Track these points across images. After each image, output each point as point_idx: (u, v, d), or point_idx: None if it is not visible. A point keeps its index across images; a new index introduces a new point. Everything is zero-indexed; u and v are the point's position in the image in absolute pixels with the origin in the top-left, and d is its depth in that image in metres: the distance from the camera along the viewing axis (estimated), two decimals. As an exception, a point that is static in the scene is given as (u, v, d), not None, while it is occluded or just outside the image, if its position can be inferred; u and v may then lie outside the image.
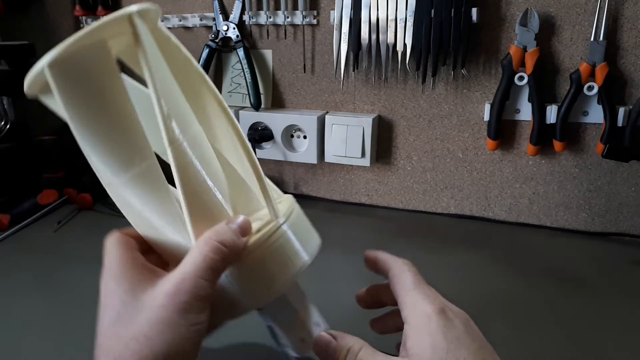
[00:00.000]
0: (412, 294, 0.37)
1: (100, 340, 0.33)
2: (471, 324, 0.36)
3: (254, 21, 0.87)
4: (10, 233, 0.77)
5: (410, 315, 0.35)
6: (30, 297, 0.61)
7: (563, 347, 0.52)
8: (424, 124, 0.83)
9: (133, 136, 0.34)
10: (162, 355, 0.31)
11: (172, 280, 0.32)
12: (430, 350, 0.33)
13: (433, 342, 0.33)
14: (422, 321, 0.34)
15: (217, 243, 0.33)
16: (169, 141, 0.33)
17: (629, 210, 0.76)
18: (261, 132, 0.89)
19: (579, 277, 0.65)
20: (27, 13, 1.06)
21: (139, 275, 0.34)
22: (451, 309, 0.36)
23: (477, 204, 0.84)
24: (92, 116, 0.33)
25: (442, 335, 0.33)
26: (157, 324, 0.31)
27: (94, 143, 0.33)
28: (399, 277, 0.39)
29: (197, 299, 0.32)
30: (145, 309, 0.32)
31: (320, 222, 0.44)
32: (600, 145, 0.73)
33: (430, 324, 0.34)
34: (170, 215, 0.35)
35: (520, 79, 0.73)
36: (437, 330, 0.33)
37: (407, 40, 0.76)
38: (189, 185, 0.34)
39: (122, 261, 0.34)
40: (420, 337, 0.34)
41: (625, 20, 0.69)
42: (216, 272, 0.33)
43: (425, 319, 0.34)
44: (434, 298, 0.36)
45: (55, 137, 1.01)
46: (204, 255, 0.33)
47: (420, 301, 0.36)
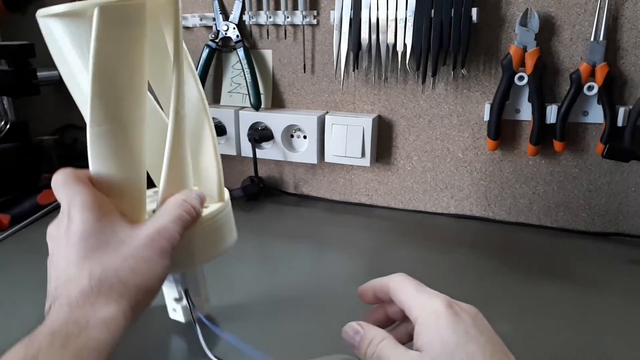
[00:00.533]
0: (417, 295, 0.38)
1: (75, 258, 0.37)
2: (480, 318, 0.36)
3: (254, 21, 0.87)
4: (10, 233, 0.77)
5: (419, 315, 0.36)
6: (31, 297, 0.61)
7: (563, 347, 0.52)
8: (424, 124, 0.83)
9: (135, 92, 0.40)
10: (143, 287, 0.37)
11: (153, 226, 0.39)
12: (440, 344, 0.33)
13: (442, 337, 0.34)
14: (431, 318, 0.35)
15: (189, 206, 0.42)
16: (174, 110, 0.42)
17: (629, 210, 0.76)
18: (261, 132, 0.89)
19: (579, 277, 0.65)
20: (27, 13, 1.06)
21: (114, 214, 0.39)
22: (458, 304, 0.36)
23: (477, 204, 0.84)
24: (109, 61, 0.38)
25: (451, 330, 0.34)
26: (141, 260, 0.37)
27: (95, 89, 0.38)
28: (400, 286, 0.39)
29: (171, 247, 0.39)
30: (125, 245, 0.37)
31: (320, 222, 0.45)
32: (600, 145, 0.73)
33: (439, 320, 0.35)
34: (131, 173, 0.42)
35: (520, 79, 0.73)
36: (445, 325, 0.34)
37: (407, 40, 0.76)
38: (175, 151, 0.42)
39: (95, 196, 0.39)
40: (430, 332, 0.35)
41: (625, 20, 0.69)
42: (184, 229, 0.41)
43: (434, 316, 0.35)
44: (439, 295, 0.37)
45: (55, 137, 1.01)
46: (179, 212, 0.41)
47: (427, 300, 0.37)
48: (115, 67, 0.38)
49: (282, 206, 0.90)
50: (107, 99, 0.39)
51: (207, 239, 0.46)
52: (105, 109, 0.39)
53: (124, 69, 0.39)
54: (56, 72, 0.45)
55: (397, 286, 0.40)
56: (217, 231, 0.47)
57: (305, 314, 0.58)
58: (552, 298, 0.60)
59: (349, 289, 0.63)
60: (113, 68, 0.38)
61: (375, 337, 0.37)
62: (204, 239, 0.46)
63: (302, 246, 0.75)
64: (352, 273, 0.67)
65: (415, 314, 0.37)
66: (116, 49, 0.38)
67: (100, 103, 0.39)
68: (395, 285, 0.40)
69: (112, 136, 0.40)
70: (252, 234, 0.79)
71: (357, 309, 0.58)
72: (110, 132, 0.40)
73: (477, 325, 0.35)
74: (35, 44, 0.89)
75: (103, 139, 0.40)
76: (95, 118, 0.39)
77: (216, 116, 0.91)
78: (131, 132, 0.41)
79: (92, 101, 0.38)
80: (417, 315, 0.36)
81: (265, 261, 0.72)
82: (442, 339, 0.34)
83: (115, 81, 0.39)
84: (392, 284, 0.40)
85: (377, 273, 0.69)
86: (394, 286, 0.40)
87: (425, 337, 0.35)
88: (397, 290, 0.39)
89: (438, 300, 0.36)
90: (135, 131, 0.41)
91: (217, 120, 0.91)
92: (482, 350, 0.33)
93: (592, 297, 0.60)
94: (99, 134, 0.40)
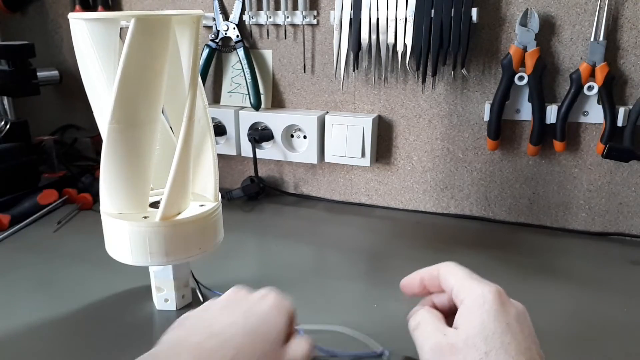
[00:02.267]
0: (468, 280, 0.38)
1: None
2: (525, 316, 0.37)
3: (254, 21, 0.87)
4: (10, 233, 0.77)
5: (466, 297, 0.37)
6: (31, 297, 0.61)
7: (563, 346, 0.52)
8: (424, 123, 0.83)
9: (154, 96, 0.45)
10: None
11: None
12: (478, 327, 0.34)
13: (483, 321, 0.34)
14: (477, 301, 0.36)
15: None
16: (188, 117, 0.47)
17: (629, 210, 0.76)
18: (261, 132, 0.89)
19: (579, 277, 0.65)
20: (27, 13, 1.06)
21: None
22: (508, 298, 0.37)
23: (477, 204, 0.84)
24: (136, 67, 0.43)
25: (493, 317, 0.34)
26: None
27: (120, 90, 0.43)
28: (451, 270, 0.40)
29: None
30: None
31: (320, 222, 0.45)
32: (600, 145, 0.73)
33: (484, 305, 0.35)
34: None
35: (520, 79, 0.73)
36: (489, 310, 0.35)
37: (407, 40, 0.76)
38: (184, 153, 0.47)
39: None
40: (472, 314, 0.35)
41: (625, 20, 0.69)
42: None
43: (481, 300, 0.35)
44: (491, 284, 0.37)
45: (55, 137, 1.01)
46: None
47: (477, 285, 0.37)
48: (141, 72, 0.44)
49: (282, 206, 0.90)
50: (129, 100, 0.44)
51: (205, 233, 0.52)
52: (126, 109, 0.44)
53: (147, 75, 0.44)
54: (56, 72, 0.48)
55: (448, 270, 0.40)
56: (213, 226, 0.54)
57: (306, 313, 0.58)
58: (552, 298, 0.60)
59: (348, 288, 0.63)
60: (138, 73, 0.43)
61: (420, 310, 0.40)
62: (202, 233, 0.52)
63: (302, 246, 0.75)
64: (352, 273, 0.67)
65: (462, 295, 0.37)
66: (144, 56, 0.43)
67: (123, 103, 0.44)
68: (447, 269, 0.40)
69: (129, 133, 0.45)
70: (252, 234, 0.79)
71: (357, 309, 0.58)
72: (128, 130, 0.45)
73: (519, 321, 0.35)
74: (35, 44, 0.89)
75: (120, 136, 0.45)
76: (116, 116, 0.44)
77: (216, 116, 0.91)
78: (146, 132, 0.46)
79: (115, 101, 0.43)
80: (463, 297, 0.37)
81: (265, 261, 0.72)
82: (482, 323, 0.34)
83: (139, 85, 0.44)
84: (443, 269, 0.41)
85: (377, 273, 0.69)
86: (445, 271, 0.40)
87: (465, 317, 0.35)
88: (448, 274, 0.40)
89: (488, 287, 0.37)
90: (149, 131, 0.46)
91: (217, 120, 0.91)
92: (518, 345, 0.33)
93: (592, 297, 0.60)
94: (117, 130, 0.45)
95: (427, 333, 0.37)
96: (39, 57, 0.90)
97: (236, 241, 0.73)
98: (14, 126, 0.90)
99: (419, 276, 0.43)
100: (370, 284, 0.64)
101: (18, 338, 0.53)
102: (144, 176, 0.49)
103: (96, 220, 0.54)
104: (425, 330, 0.38)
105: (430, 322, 0.38)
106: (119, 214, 0.50)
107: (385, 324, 0.54)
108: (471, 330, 0.34)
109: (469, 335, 0.34)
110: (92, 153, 1.02)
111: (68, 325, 0.55)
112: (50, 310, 0.58)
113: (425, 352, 0.36)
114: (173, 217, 0.50)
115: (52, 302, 0.60)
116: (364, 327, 0.54)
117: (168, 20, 0.45)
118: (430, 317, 0.39)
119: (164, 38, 0.45)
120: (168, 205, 0.49)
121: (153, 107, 0.46)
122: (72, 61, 1.03)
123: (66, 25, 1.02)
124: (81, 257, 0.70)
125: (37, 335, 0.54)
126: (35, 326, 0.55)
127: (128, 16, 0.42)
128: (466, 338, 0.34)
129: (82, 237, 0.76)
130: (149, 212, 0.51)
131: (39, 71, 0.92)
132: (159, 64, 0.45)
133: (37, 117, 1.03)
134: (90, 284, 0.63)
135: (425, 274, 0.42)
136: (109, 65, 0.46)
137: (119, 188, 0.49)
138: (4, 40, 1.06)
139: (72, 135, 1.05)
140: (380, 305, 0.58)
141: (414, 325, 0.39)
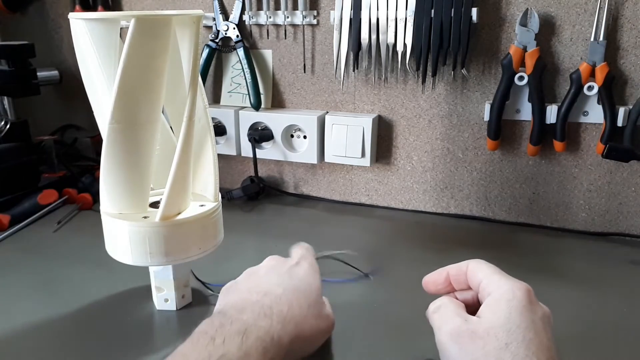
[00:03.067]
0: (498, 276, 0.38)
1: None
2: (550, 320, 0.37)
3: (254, 21, 0.87)
4: (10, 233, 0.77)
5: (494, 290, 0.36)
6: (30, 297, 0.61)
7: (562, 347, 0.51)
8: (424, 124, 0.83)
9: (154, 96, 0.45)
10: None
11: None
12: (502, 318, 0.34)
13: (510, 314, 0.34)
14: (506, 295, 0.35)
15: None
16: (188, 117, 0.47)
17: (629, 210, 0.76)
18: (261, 132, 0.89)
19: (579, 277, 0.65)
20: (27, 13, 1.06)
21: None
22: (537, 299, 0.37)
23: (477, 204, 0.84)
24: (136, 67, 0.43)
25: (519, 312, 0.34)
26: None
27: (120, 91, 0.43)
28: (481, 266, 0.40)
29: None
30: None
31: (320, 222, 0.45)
32: (600, 145, 0.73)
33: (513, 300, 0.35)
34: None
35: (520, 79, 0.73)
36: (516, 306, 0.34)
37: (407, 40, 0.76)
38: (184, 153, 0.47)
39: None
40: (499, 306, 0.35)
41: (625, 20, 0.69)
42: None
43: (510, 294, 0.35)
44: (521, 282, 0.37)
45: (55, 137, 1.01)
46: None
47: (506, 281, 0.37)
48: (141, 72, 0.43)
49: (282, 206, 0.90)
50: (129, 100, 0.44)
51: (205, 233, 0.53)
52: (126, 109, 0.44)
53: (147, 75, 0.44)
54: (56, 72, 0.48)
55: (478, 266, 0.40)
56: (213, 226, 0.54)
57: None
58: (552, 298, 0.60)
59: (348, 288, 0.63)
60: (138, 73, 0.43)
61: (442, 297, 0.39)
62: (202, 233, 0.52)
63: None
64: (352, 273, 0.67)
65: (491, 289, 0.37)
66: (144, 56, 0.43)
67: (123, 103, 0.44)
68: (477, 265, 0.40)
69: (129, 133, 0.45)
70: (252, 234, 0.79)
71: (358, 308, 0.58)
72: (128, 130, 0.45)
73: (544, 321, 0.35)
74: (35, 44, 0.89)
75: (120, 136, 0.45)
76: (116, 116, 0.44)
77: (216, 116, 0.91)
78: (146, 132, 0.46)
79: (115, 101, 0.43)
80: (491, 290, 0.37)
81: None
82: (508, 316, 0.34)
83: (139, 85, 0.44)
84: (472, 264, 0.40)
85: (377, 273, 0.69)
86: (474, 266, 0.40)
87: (491, 308, 0.35)
88: (477, 269, 0.40)
89: (518, 284, 0.36)
90: (149, 131, 0.46)
91: (217, 120, 0.91)
92: (540, 343, 0.33)
93: (592, 297, 0.60)
94: (117, 130, 0.45)
95: (447, 317, 0.37)
96: (39, 57, 0.90)
97: (236, 241, 0.73)
98: (14, 126, 0.90)
99: (445, 271, 0.43)
100: (370, 284, 0.64)
101: (18, 338, 0.53)
102: (144, 176, 0.49)
103: (96, 220, 0.54)
104: (445, 314, 0.37)
105: (451, 307, 0.38)
106: (119, 214, 0.50)
107: (386, 324, 0.54)
108: (495, 321, 0.34)
109: (492, 324, 0.33)
110: (92, 153, 1.02)
111: (68, 325, 0.55)
112: (50, 310, 0.58)
113: (443, 335, 0.36)
114: (173, 217, 0.50)
115: (52, 302, 0.60)
116: (364, 327, 0.54)
117: (168, 20, 0.45)
118: (452, 303, 0.38)
119: (164, 38, 0.45)
120: (168, 205, 0.49)
121: (153, 107, 0.46)
122: (72, 61, 1.03)
123: (66, 25, 1.02)
124: (81, 257, 0.70)
125: (37, 335, 0.54)
126: (35, 326, 0.55)
127: (128, 16, 0.42)
128: (489, 327, 0.34)
129: (82, 237, 0.76)
130: (149, 212, 0.51)
131: (39, 71, 0.92)
132: (159, 64, 0.45)
133: (37, 117, 1.03)
134: (90, 284, 0.63)
135: (453, 269, 0.42)
136: (109, 65, 0.46)
137: (119, 188, 0.49)
138: (4, 40, 1.06)
139: (72, 135, 1.05)
140: (380, 306, 0.58)
141: (433, 308, 0.39)
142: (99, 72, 0.47)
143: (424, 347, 0.51)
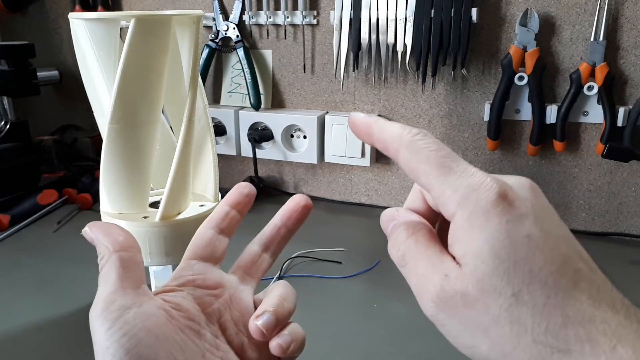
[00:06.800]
0: (450, 180, 0.24)
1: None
2: (540, 198, 0.25)
3: (254, 21, 0.87)
4: (10, 233, 0.77)
5: (458, 210, 0.24)
6: (30, 296, 0.61)
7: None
8: (424, 123, 0.83)
9: (154, 96, 0.45)
10: None
11: None
12: (490, 259, 0.23)
13: (495, 250, 0.23)
14: (476, 219, 0.23)
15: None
16: (188, 117, 0.46)
17: (629, 210, 0.76)
18: (261, 132, 0.89)
19: (579, 277, 0.65)
20: (27, 13, 1.06)
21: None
22: (511, 187, 0.24)
23: (477, 204, 0.84)
24: (135, 67, 0.43)
25: (506, 237, 0.23)
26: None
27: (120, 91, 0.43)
28: (418, 157, 0.26)
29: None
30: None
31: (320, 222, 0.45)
32: (600, 145, 0.73)
33: (489, 223, 0.23)
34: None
35: (520, 79, 0.73)
36: (498, 230, 0.23)
37: (407, 40, 0.76)
38: (184, 153, 0.47)
39: None
40: (474, 240, 0.23)
41: (625, 20, 0.69)
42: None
43: (481, 216, 0.23)
44: (485, 179, 0.24)
45: (55, 137, 1.01)
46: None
47: (467, 188, 0.24)
48: (141, 72, 0.43)
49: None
50: (129, 100, 0.44)
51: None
52: (126, 109, 0.44)
53: (147, 75, 0.44)
54: (56, 72, 0.48)
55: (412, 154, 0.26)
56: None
57: (306, 313, 0.58)
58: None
59: (347, 288, 0.63)
60: (138, 73, 0.43)
61: (401, 232, 0.28)
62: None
63: (301, 246, 0.75)
64: (351, 273, 0.67)
65: (450, 205, 0.24)
66: (144, 56, 0.43)
67: (123, 103, 0.44)
68: (410, 152, 0.26)
69: (129, 134, 0.45)
70: (252, 234, 0.79)
71: (358, 308, 0.58)
72: (128, 130, 0.45)
73: (538, 216, 0.24)
74: (35, 44, 0.89)
75: (120, 136, 0.45)
76: (116, 116, 0.44)
77: (216, 116, 0.91)
78: (145, 132, 0.46)
79: (115, 101, 0.43)
80: (453, 210, 0.24)
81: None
82: (495, 252, 0.23)
83: (139, 85, 0.44)
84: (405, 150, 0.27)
85: (376, 273, 0.69)
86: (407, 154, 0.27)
87: (466, 246, 0.23)
88: (412, 160, 0.27)
89: (485, 192, 0.23)
90: (149, 131, 0.46)
91: (217, 120, 0.91)
92: (551, 261, 0.23)
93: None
94: (117, 130, 0.44)
95: (422, 277, 0.25)
96: (39, 57, 0.90)
97: (236, 241, 0.73)
98: (14, 126, 0.90)
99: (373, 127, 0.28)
100: (370, 283, 0.64)
101: (18, 338, 0.53)
102: (143, 176, 0.49)
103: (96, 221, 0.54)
104: (416, 272, 0.26)
105: (418, 254, 0.26)
106: (119, 214, 0.50)
107: (386, 324, 0.55)
108: (482, 268, 0.23)
109: (481, 277, 0.23)
110: (92, 153, 1.02)
111: (68, 325, 0.55)
112: (50, 310, 0.58)
113: (427, 307, 0.25)
114: (173, 217, 0.50)
115: (52, 302, 0.60)
116: (364, 327, 0.54)
117: (168, 20, 0.45)
118: (416, 245, 0.26)
119: (164, 38, 0.45)
120: (168, 205, 0.49)
121: (153, 107, 0.46)
122: (72, 61, 1.03)
123: (66, 25, 1.02)
124: (81, 257, 0.70)
125: (37, 335, 0.54)
126: (35, 326, 0.55)
127: (128, 16, 0.42)
128: (479, 280, 0.23)
129: (82, 237, 0.76)
130: (149, 212, 0.51)
131: (39, 71, 0.92)
132: (159, 64, 0.45)
133: (37, 117, 1.03)
134: (90, 284, 0.63)
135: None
136: (109, 65, 0.46)
137: (118, 188, 0.49)
138: (4, 40, 1.06)
139: (72, 135, 1.05)
140: (380, 306, 0.58)
141: (398, 257, 0.28)
142: (98, 72, 0.47)
143: (424, 347, 0.51)
